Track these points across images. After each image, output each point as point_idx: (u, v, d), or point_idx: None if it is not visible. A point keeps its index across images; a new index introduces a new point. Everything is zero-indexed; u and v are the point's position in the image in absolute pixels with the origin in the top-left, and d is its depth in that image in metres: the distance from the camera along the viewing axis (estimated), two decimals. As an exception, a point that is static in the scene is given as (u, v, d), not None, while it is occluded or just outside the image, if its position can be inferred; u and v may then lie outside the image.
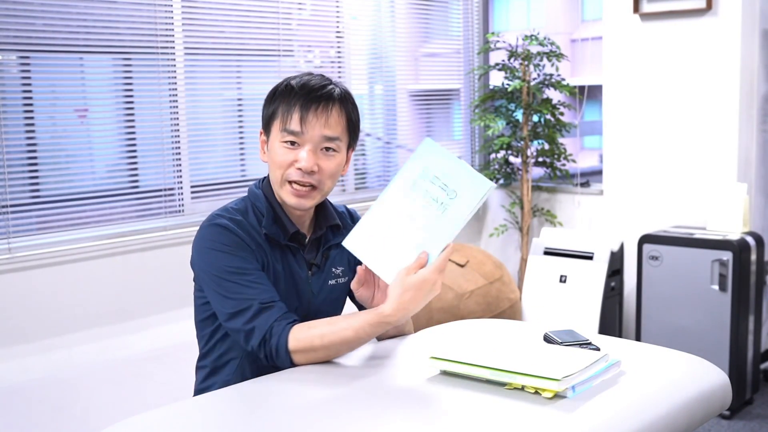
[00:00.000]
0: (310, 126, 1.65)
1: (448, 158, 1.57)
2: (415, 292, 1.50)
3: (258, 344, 1.59)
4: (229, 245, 1.64)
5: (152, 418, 1.37)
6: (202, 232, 1.68)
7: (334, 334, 1.55)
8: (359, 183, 4.17)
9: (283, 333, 1.57)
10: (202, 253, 1.67)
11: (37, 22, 2.94)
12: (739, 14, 3.64)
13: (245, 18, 3.54)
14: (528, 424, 1.30)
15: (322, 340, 1.56)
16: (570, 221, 4.34)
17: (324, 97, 1.67)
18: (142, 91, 3.26)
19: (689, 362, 1.62)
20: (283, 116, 1.67)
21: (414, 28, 4.43)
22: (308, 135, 1.66)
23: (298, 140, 1.66)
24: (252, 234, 1.68)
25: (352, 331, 1.55)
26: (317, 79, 1.70)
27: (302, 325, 1.59)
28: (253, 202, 1.73)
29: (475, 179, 1.54)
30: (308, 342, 1.56)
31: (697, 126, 3.81)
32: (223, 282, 1.63)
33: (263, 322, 1.59)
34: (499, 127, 4.22)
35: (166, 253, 3.22)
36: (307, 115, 1.65)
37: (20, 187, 2.91)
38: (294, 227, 1.72)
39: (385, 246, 1.56)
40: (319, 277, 1.77)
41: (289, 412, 1.39)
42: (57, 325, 2.94)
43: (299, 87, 1.68)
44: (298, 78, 1.71)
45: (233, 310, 1.62)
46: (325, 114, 1.66)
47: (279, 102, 1.69)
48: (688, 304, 3.53)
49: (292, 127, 1.65)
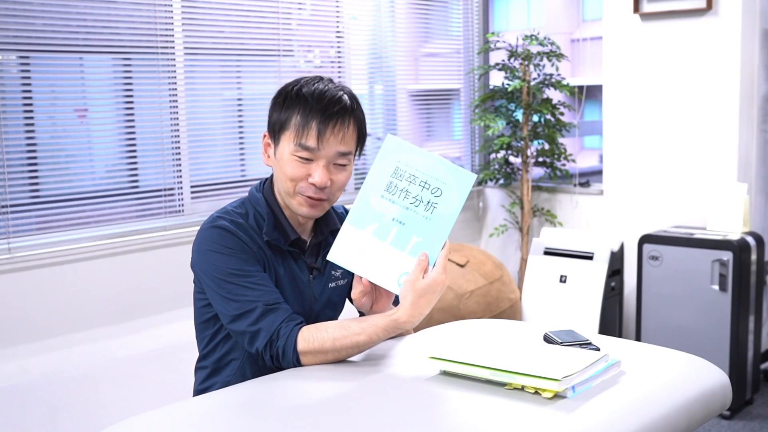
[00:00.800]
0: (327, 144, 1.63)
1: (419, 154, 1.55)
2: (429, 295, 1.52)
3: (264, 346, 1.59)
4: (230, 247, 1.64)
5: (152, 418, 1.37)
6: (203, 233, 1.68)
7: (346, 338, 1.56)
8: (359, 183, 4.17)
9: (291, 335, 1.57)
10: (203, 255, 1.66)
11: (37, 22, 2.94)
12: (739, 14, 3.64)
13: (245, 18, 3.54)
14: (528, 424, 1.30)
15: (333, 344, 1.56)
16: (570, 221, 4.34)
17: (341, 113, 1.64)
18: (142, 91, 3.26)
19: (689, 362, 1.62)
20: (299, 130, 1.63)
21: (414, 28, 4.43)
22: (324, 152, 1.64)
23: (313, 156, 1.64)
24: (253, 236, 1.67)
25: (365, 336, 1.56)
26: (330, 89, 1.66)
27: (311, 327, 1.59)
28: (253, 206, 1.72)
29: (457, 173, 1.53)
30: (319, 344, 1.56)
31: (697, 126, 3.81)
32: (225, 284, 1.63)
33: (269, 324, 1.59)
34: (499, 127, 4.22)
35: (166, 253, 3.22)
36: (325, 132, 1.62)
37: (20, 187, 2.91)
38: (295, 234, 1.72)
39: (376, 254, 1.55)
40: (320, 281, 1.77)
41: (289, 412, 1.39)
42: (57, 325, 2.94)
43: (314, 98, 1.63)
44: (308, 86, 1.66)
45: (237, 312, 1.61)
46: (342, 131, 1.64)
47: (292, 111, 1.64)
48: (688, 304, 3.53)
49: (309, 144, 1.62)
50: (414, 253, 1.54)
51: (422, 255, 1.53)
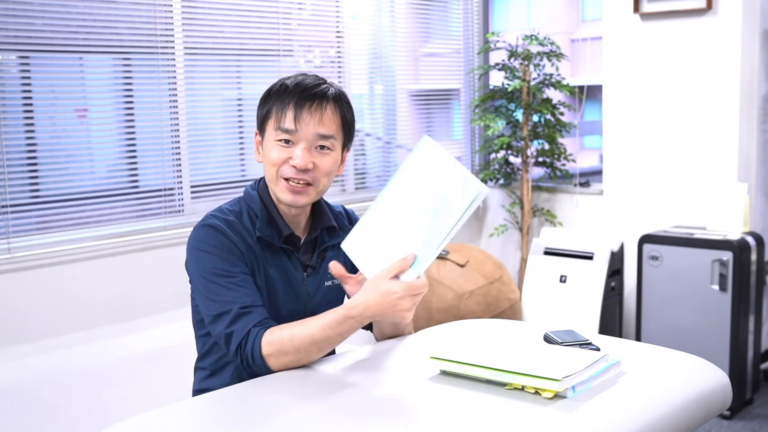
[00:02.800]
0: (304, 123, 1.65)
1: (444, 160, 1.48)
2: (382, 298, 1.47)
3: (235, 350, 1.58)
4: (216, 246, 1.64)
5: (152, 418, 1.37)
6: (194, 233, 1.69)
7: (302, 333, 1.53)
8: (359, 183, 4.17)
9: (257, 339, 1.56)
10: (192, 254, 1.67)
11: (37, 22, 2.94)
12: (739, 14, 3.64)
13: (245, 18, 3.54)
14: (528, 424, 1.30)
15: (291, 342, 1.54)
16: (570, 221, 4.34)
17: (318, 95, 1.66)
18: (142, 91, 3.26)
19: (689, 362, 1.62)
20: (278, 115, 1.66)
21: (414, 28, 4.43)
22: (302, 133, 1.65)
23: (293, 138, 1.66)
24: (243, 236, 1.67)
25: (318, 329, 1.52)
26: (311, 78, 1.70)
27: (274, 328, 1.57)
28: (248, 204, 1.73)
29: (466, 183, 1.43)
30: (279, 344, 1.54)
31: (697, 126, 3.81)
32: (208, 284, 1.63)
33: (241, 328, 1.58)
34: (499, 127, 4.22)
35: (166, 253, 3.22)
36: (301, 113, 1.65)
37: (20, 187, 2.91)
38: (288, 229, 1.71)
39: (379, 252, 1.53)
40: (314, 279, 1.76)
41: (289, 412, 1.39)
42: (57, 325, 2.94)
43: (293, 86, 1.67)
44: (292, 78, 1.71)
45: (215, 313, 1.61)
46: (320, 112, 1.66)
47: (273, 101, 1.68)
48: (688, 304, 3.53)
49: (286, 125, 1.65)
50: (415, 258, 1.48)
51: (410, 254, 1.47)
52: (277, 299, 1.70)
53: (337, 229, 1.80)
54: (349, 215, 1.88)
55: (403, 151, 4.36)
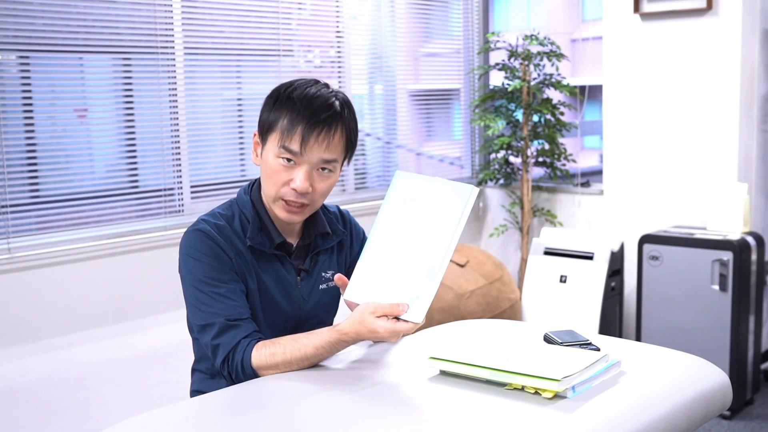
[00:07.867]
0: (310, 150, 1.62)
1: (422, 179, 1.54)
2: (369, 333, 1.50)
3: (222, 362, 1.59)
4: (205, 253, 1.63)
5: (152, 418, 1.37)
6: (185, 237, 1.68)
7: (295, 350, 1.56)
8: (359, 183, 4.16)
9: (247, 350, 1.57)
10: (182, 260, 1.67)
11: (37, 22, 2.94)
12: (739, 14, 3.64)
13: (245, 18, 3.54)
14: (528, 424, 1.29)
15: (284, 356, 1.56)
16: (570, 221, 4.34)
17: (328, 120, 1.62)
18: (141, 91, 3.26)
19: (689, 362, 1.62)
20: (284, 132, 1.62)
21: (414, 28, 4.43)
22: (307, 157, 1.62)
23: (296, 160, 1.63)
24: (234, 242, 1.66)
25: (312, 348, 1.56)
26: (323, 93, 1.65)
27: (266, 342, 1.59)
28: (240, 208, 1.71)
29: (455, 188, 1.49)
30: (270, 358, 1.56)
31: (698, 126, 3.80)
32: (196, 292, 1.63)
33: (228, 341, 1.59)
34: (499, 127, 4.22)
35: (166, 253, 3.22)
36: (309, 138, 1.61)
37: (20, 187, 2.91)
38: (281, 237, 1.71)
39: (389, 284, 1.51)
40: (308, 282, 1.75)
41: (288, 412, 1.39)
42: (57, 325, 2.94)
43: (303, 103, 1.62)
44: (300, 88, 1.65)
45: (202, 323, 1.62)
46: (327, 140, 1.62)
47: (280, 114, 1.63)
48: (689, 304, 3.53)
49: (292, 147, 1.62)
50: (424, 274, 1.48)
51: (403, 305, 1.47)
52: (272, 303, 1.70)
53: (330, 234, 1.79)
54: (344, 216, 1.86)
55: (403, 151, 4.35)
